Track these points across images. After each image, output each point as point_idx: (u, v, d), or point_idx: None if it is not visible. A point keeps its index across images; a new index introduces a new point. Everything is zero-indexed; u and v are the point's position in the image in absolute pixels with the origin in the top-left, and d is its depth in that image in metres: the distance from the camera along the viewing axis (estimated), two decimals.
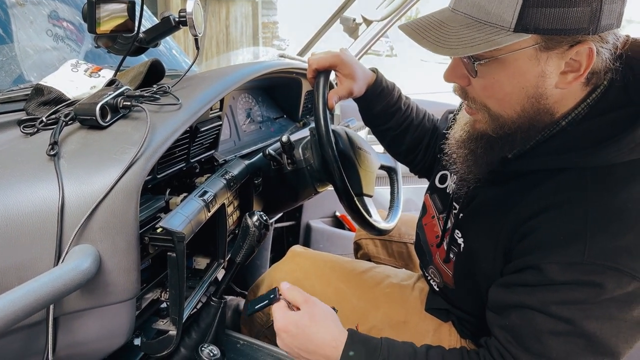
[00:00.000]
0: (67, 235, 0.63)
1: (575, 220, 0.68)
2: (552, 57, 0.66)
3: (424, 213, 1.06)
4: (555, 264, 0.68)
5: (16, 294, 0.52)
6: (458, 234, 0.88)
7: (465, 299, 0.92)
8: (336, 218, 2.21)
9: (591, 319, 0.67)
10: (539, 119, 0.72)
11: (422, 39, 0.68)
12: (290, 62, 1.50)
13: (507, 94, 0.70)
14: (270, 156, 1.15)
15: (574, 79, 0.67)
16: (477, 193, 0.84)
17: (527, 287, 0.71)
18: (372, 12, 1.86)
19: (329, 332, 0.78)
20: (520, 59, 0.66)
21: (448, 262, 0.91)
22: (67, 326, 0.68)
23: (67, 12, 1.19)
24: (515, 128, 0.73)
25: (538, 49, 0.65)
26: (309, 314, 0.79)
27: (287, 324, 0.79)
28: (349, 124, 1.65)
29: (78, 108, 0.74)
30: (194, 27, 0.87)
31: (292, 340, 0.78)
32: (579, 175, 0.70)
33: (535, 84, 0.68)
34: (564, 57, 0.66)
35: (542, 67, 0.67)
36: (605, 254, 0.65)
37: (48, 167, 0.66)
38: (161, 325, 0.81)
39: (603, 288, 0.65)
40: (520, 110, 0.71)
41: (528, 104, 0.70)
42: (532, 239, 0.71)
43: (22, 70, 1.05)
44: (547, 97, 0.70)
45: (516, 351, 0.72)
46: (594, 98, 0.71)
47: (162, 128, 0.74)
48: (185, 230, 0.75)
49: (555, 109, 0.72)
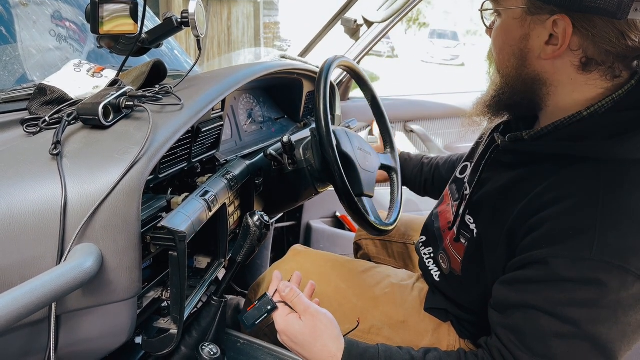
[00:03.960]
0: (69, 234, 0.63)
1: (585, 214, 0.68)
2: (535, 23, 0.72)
3: (441, 202, 1.08)
4: (562, 258, 0.67)
5: (19, 292, 0.53)
6: (470, 220, 0.88)
7: (469, 290, 0.92)
8: (336, 218, 2.21)
9: (597, 323, 0.66)
10: (530, 85, 0.77)
11: None
12: (292, 62, 1.51)
13: (500, 48, 0.79)
14: (271, 156, 1.16)
15: (552, 52, 0.72)
16: (490, 176, 0.86)
17: (533, 285, 0.71)
18: (374, 14, 1.87)
19: (326, 349, 0.79)
20: (510, 16, 0.75)
21: (457, 242, 0.91)
22: (69, 324, 0.68)
23: (70, 13, 1.19)
24: (512, 86, 0.79)
25: (525, 11, 0.72)
26: (310, 327, 0.79)
27: (287, 329, 0.81)
28: (350, 124, 1.65)
29: (81, 108, 0.75)
30: (196, 28, 0.87)
31: (293, 345, 0.81)
32: (593, 169, 0.71)
33: (520, 46, 0.75)
34: (546, 27, 0.71)
35: (525, 30, 0.74)
36: (614, 252, 0.65)
37: (51, 166, 0.67)
38: (162, 324, 0.81)
39: (608, 287, 0.65)
40: (512, 68, 0.78)
41: (516, 62, 0.77)
42: (540, 232, 0.71)
43: (25, 70, 1.06)
44: (532, 66, 0.75)
45: (519, 352, 0.71)
46: (620, 94, 0.72)
47: (164, 128, 0.74)
48: (186, 229, 0.75)
49: (546, 81, 0.76)
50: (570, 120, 0.75)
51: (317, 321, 0.80)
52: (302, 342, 0.79)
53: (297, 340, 0.80)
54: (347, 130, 1.23)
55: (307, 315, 0.81)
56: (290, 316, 0.82)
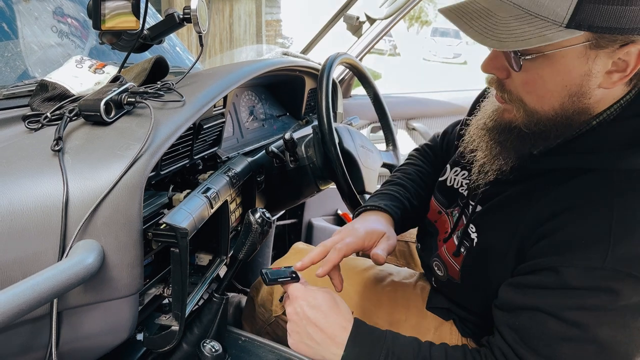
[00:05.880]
0: (71, 230, 0.63)
1: (599, 223, 0.66)
2: (600, 56, 0.64)
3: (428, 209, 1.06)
4: (574, 268, 0.66)
5: (20, 288, 0.53)
6: (472, 229, 0.86)
7: (469, 295, 0.91)
8: (338, 216, 2.21)
9: (604, 326, 0.65)
10: (576, 118, 0.70)
11: (469, 27, 0.64)
12: (294, 60, 1.50)
13: (548, 90, 0.68)
14: (273, 153, 1.15)
15: (619, 79, 0.65)
16: (498, 190, 0.81)
17: (542, 290, 0.70)
18: (376, 11, 1.86)
19: (341, 315, 0.79)
20: (569, 56, 0.64)
21: (457, 255, 0.89)
22: (70, 320, 0.68)
23: (71, 9, 1.19)
24: (550, 125, 0.71)
25: (588, 46, 0.63)
26: (328, 295, 0.80)
27: (306, 293, 0.79)
28: (352, 122, 1.65)
29: (82, 104, 0.74)
30: (198, 25, 0.87)
31: (310, 309, 0.78)
32: (605, 177, 0.69)
33: (580, 83, 0.66)
34: (613, 56, 0.63)
35: (589, 66, 0.64)
36: (626, 261, 0.64)
37: (52, 162, 0.66)
38: (164, 320, 0.81)
39: (619, 295, 0.64)
40: (559, 108, 0.69)
41: (569, 102, 0.68)
42: (552, 240, 0.69)
43: (26, 66, 1.05)
44: (589, 97, 0.68)
45: (523, 352, 0.70)
46: (627, 99, 0.70)
47: (166, 124, 0.74)
48: (188, 226, 0.75)
49: (593, 109, 0.70)
50: (579, 132, 0.72)
51: (334, 294, 0.82)
52: (321, 304, 0.78)
53: (317, 302, 0.78)
54: (349, 127, 1.23)
55: (325, 288, 0.82)
56: (309, 285, 0.82)
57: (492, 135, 0.78)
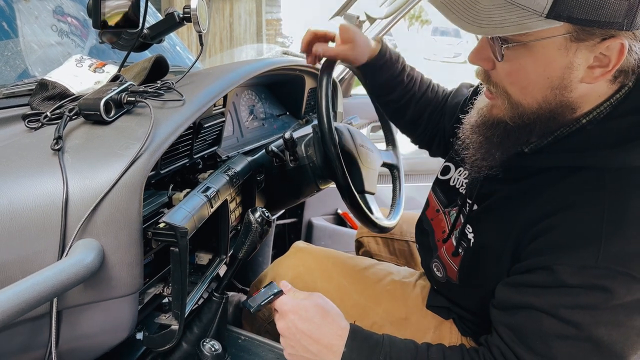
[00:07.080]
0: (70, 229, 0.63)
1: (591, 222, 0.67)
2: (581, 49, 0.64)
3: (427, 207, 1.06)
4: (568, 266, 0.67)
5: (20, 287, 0.53)
6: (469, 229, 0.87)
7: (468, 296, 0.92)
8: (338, 215, 2.21)
9: (599, 325, 0.66)
10: (559, 113, 0.71)
11: (452, 13, 0.65)
12: (294, 59, 1.50)
13: (530, 81, 0.69)
14: (273, 153, 1.15)
15: (601, 74, 0.66)
16: (494, 189, 0.82)
17: (537, 289, 0.70)
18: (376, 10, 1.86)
19: (336, 323, 0.78)
20: (549, 47, 0.65)
21: (456, 255, 0.90)
22: (70, 320, 0.68)
23: (71, 8, 1.19)
24: (534, 118, 0.72)
25: (569, 38, 0.63)
26: (320, 303, 0.80)
27: (296, 305, 0.79)
28: (352, 121, 1.65)
29: (82, 103, 0.74)
30: (198, 24, 0.87)
31: (302, 322, 0.78)
32: (597, 176, 0.69)
33: (561, 75, 0.67)
34: (594, 50, 0.64)
35: (570, 59, 0.65)
36: (619, 259, 0.64)
37: (52, 161, 0.66)
38: (163, 319, 0.81)
39: (613, 293, 0.64)
40: (542, 101, 0.70)
41: (551, 95, 0.69)
42: (546, 239, 0.70)
43: (26, 65, 1.05)
44: (571, 91, 0.68)
45: (520, 350, 0.71)
46: (618, 98, 0.70)
47: (166, 124, 0.74)
48: (188, 225, 0.75)
49: (577, 105, 0.70)
50: (569, 130, 0.73)
51: (324, 300, 0.81)
52: (313, 316, 0.78)
53: (308, 315, 0.78)
54: (349, 127, 1.23)
55: (313, 295, 0.82)
56: (298, 294, 0.82)
57: (481, 131, 0.79)
